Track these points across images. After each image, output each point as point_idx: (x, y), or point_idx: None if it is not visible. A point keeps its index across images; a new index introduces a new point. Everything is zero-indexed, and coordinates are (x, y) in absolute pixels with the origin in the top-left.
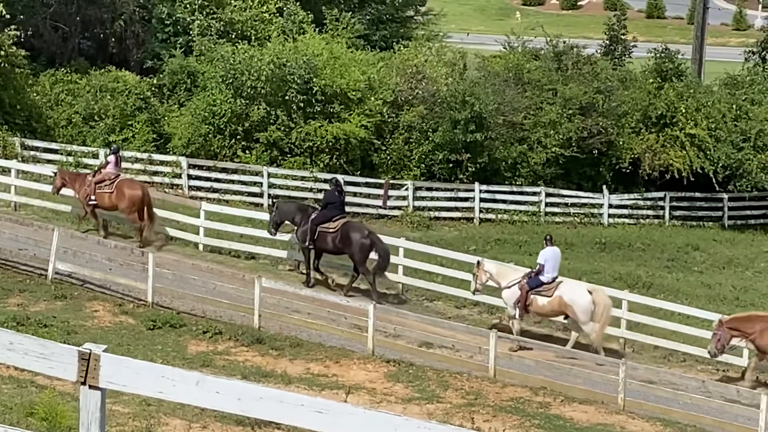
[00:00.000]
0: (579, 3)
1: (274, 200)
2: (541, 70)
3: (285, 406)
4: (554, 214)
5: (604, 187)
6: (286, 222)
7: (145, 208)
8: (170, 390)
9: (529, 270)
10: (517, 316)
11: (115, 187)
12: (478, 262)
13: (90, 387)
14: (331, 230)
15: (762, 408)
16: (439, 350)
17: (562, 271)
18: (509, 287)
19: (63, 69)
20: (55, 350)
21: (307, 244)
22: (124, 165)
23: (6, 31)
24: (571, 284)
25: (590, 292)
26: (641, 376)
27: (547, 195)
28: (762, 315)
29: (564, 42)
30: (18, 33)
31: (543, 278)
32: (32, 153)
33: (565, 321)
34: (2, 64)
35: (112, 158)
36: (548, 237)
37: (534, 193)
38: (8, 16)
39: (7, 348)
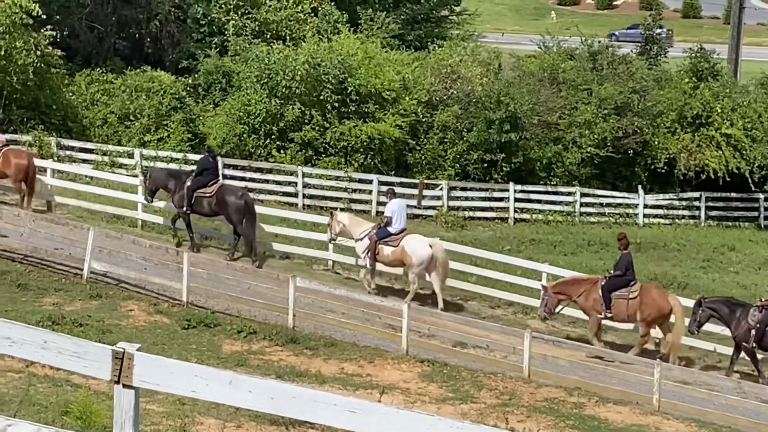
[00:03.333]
0: (614, 2)
1: (145, 169)
2: (576, 69)
3: (318, 405)
4: (589, 214)
5: (639, 187)
6: (161, 189)
7: (28, 178)
8: (203, 389)
9: (378, 222)
10: (368, 266)
11: (2, 155)
12: (332, 213)
13: (124, 386)
14: (207, 195)
15: None
16: (474, 350)
17: (596, 270)
18: (361, 238)
19: (99, 69)
20: (89, 349)
21: (184, 209)
22: (159, 164)
23: (42, 31)
24: (414, 236)
25: (431, 246)
26: (676, 377)
27: (582, 195)
28: (585, 278)
29: (599, 42)
30: (54, 33)
31: (391, 229)
32: (68, 152)
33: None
34: (38, 64)
35: None
36: (390, 190)
37: (569, 193)
38: (44, 17)
39: (41, 347)
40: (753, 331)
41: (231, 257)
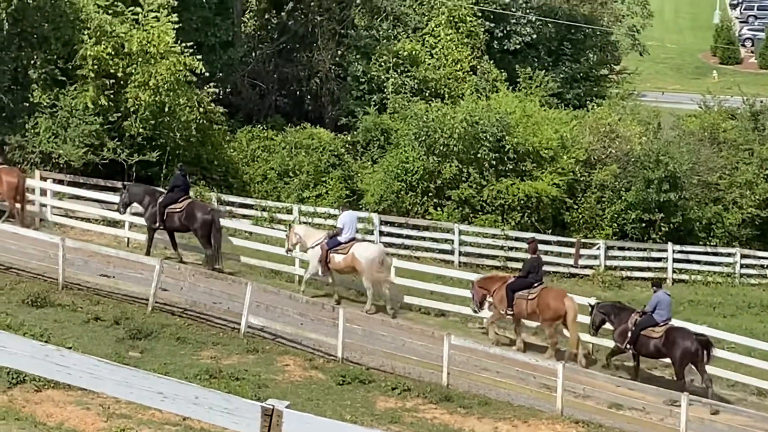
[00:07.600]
0: None
1: (125, 183)
2: (738, 129)
3: None
4: (750, 275)
5: None
6: (134, 204)
7: (19, 195)
8: None
9: (330, 231)
10: (320, 273)
11: None
12: (290, 225)
13: None
14: (177, 210)
15: None
16: (629, 412)
17: (756, 334)
18: (313, 247)
19: (259, 125)
20: (239, 405)
21: (157, 225)
22: (317, 221)
23: (205, 88)
24: (362, 243)
25: (377, 251)
26: None
27: (743, 256)
28: (501, 276)
29: (761, 101)
30: (217, 90)
31: (340, 239)
32: (228, 208)
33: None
34: (201, 121)
35: None
36: (344, 204)
37: (729, 254)
38: (207, 74)
39: (192, 402)
40: (628, 333)
41: (205, 266)
